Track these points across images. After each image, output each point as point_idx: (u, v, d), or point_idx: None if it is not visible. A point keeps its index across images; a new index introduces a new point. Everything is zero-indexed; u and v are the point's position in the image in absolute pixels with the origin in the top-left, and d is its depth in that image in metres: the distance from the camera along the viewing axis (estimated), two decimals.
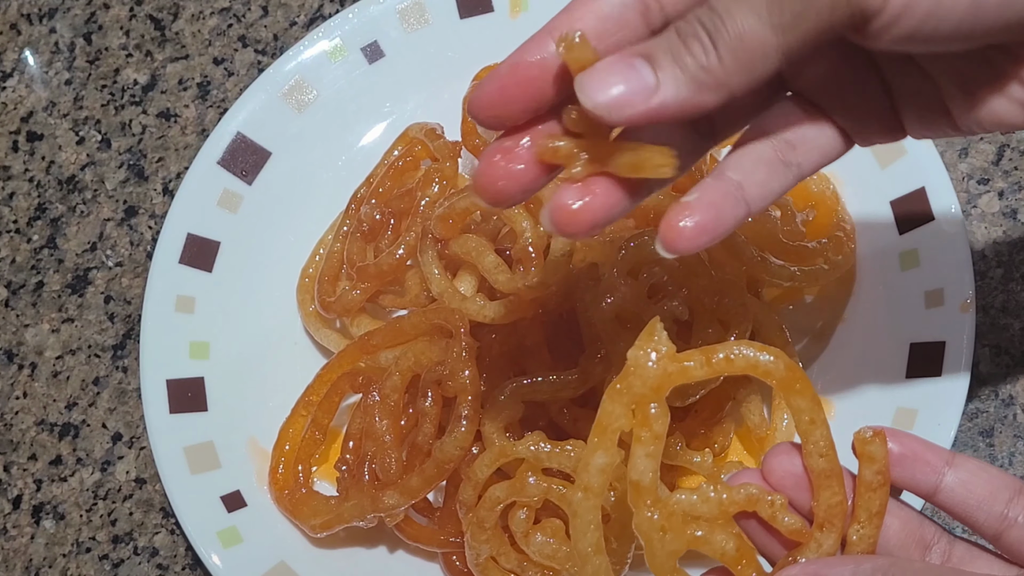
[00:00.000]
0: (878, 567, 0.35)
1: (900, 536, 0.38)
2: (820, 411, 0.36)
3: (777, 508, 0.37)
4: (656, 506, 0.37)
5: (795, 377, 0.36)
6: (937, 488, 0.37)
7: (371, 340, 0.59)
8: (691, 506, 0.37)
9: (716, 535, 0.37)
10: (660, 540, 0.37)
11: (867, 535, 0.37)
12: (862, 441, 0.36)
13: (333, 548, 0.59)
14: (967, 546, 0.38)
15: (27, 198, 0.69)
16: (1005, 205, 0.62)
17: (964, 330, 0.56)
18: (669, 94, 0.32)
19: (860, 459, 0.37)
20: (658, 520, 0.37)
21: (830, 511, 0.37)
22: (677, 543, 0.37)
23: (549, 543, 0.53)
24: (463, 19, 0.66)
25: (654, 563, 0.37)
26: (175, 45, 0.71)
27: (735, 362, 0.36)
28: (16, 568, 0.63)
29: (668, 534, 0.37)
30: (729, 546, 0.37)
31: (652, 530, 0.37)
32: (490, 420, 0.54)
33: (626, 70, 0.32)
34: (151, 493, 0.64)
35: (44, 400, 0.66)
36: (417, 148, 0.63)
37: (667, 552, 0.37)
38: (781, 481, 0.37)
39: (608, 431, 0.36)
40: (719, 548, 0.37)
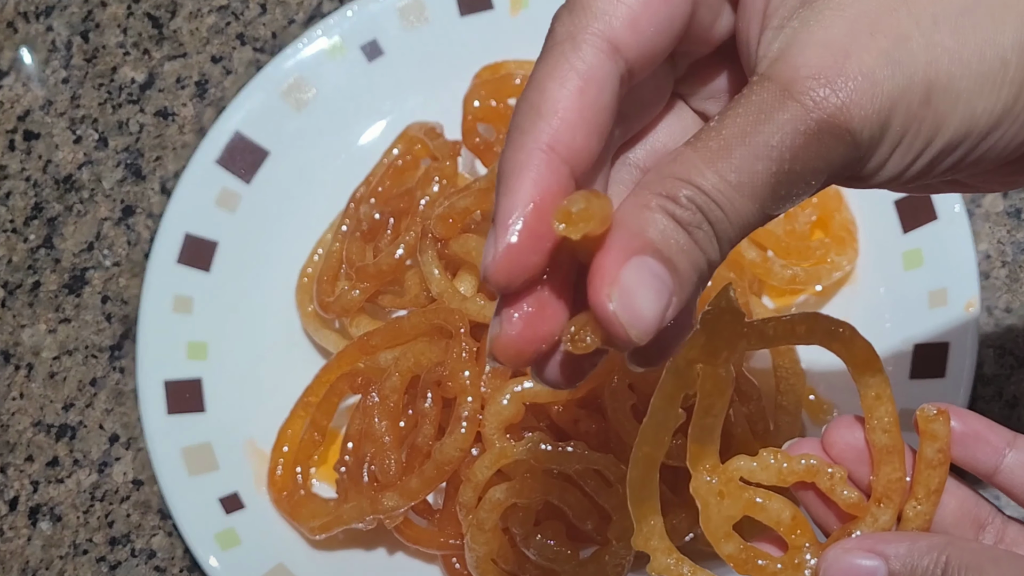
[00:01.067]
0: (934, 545, 0.35)
1: (956, 514, 0.38)
2: (887, 387, 0.37)
3: (836, 481, 0.36)
4: (715, 471, 0.37)
5: (866, 352, 0.36)
6: (997, 469, 0.37)
7: (370, 340, 0.58)
8: (750, 472, 0.37)
9: (773, 503, 0.37)
10: (717, 505, 0.37)
11: (924, 512, 0.37)
12: (925, 418, 0.36)
13: (332, 550, 0.59)
14: (1021, 527, 0.38)
15: (24, 197, 0.69)
16: (1009, 205, 0.62)
17: (968, 331, 0.56)
18: (683, 294, 0.29)
19: (922, 436, 0.37)
20: (716, 485, 0.37)
21: (889, 486, 0.37)
22: (734, 508, 0.37)
23: (549, 544, 0.53)
24: (463, 17, 0.65)
25: (709, 527, 0.37)
26: (173, 43, 0.71)
27: (806, 332, 0.36)
28: (13, 570, 0.63)
29: (726, 499, 0.37)
30: (785, 515, 0.37)
31: (710, 494, 0.37)
32: (490, 421, 0.54)
33: (655, 283, 0.29)
34: (148, 495, 0.63)
35: (41, 401, 0.65)
36: (417, 147, 0.63)
37: (723, 517, 0.37)
38: (842, 453, 0.37)
39: (672, 392, 0.35)
40: (775, 516, 0.37)
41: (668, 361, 0.35)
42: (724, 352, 0.35)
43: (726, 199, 0.29)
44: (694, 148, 0.30)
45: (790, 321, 0.36)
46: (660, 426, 0.36)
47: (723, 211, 0.29)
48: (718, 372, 0.35)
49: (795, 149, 0.29)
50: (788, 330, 0.36)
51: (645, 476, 0.36)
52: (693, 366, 0.35)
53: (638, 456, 0.36)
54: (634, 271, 0.29)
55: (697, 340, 0.35)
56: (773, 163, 0.29)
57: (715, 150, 0.29)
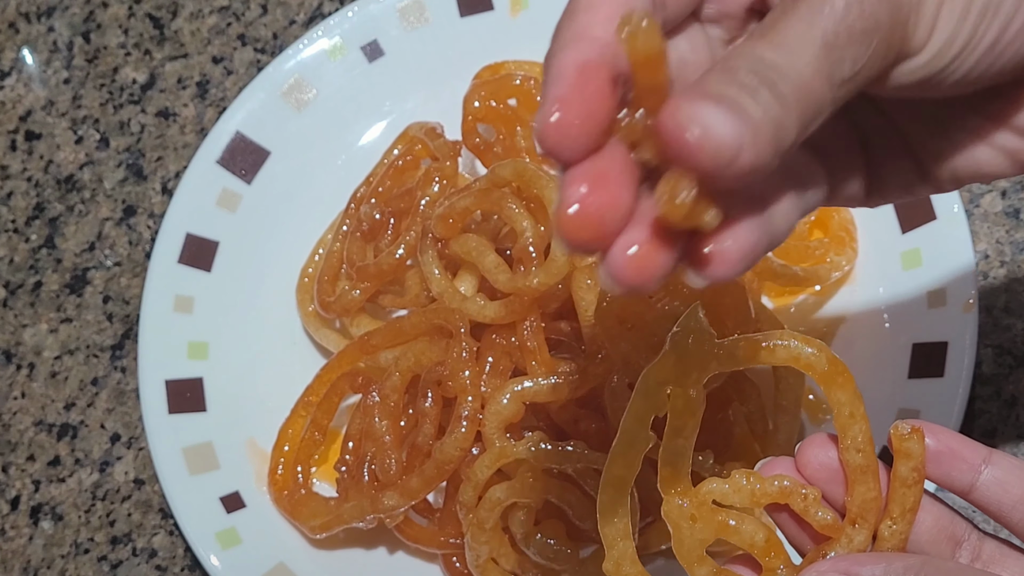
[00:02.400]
0: (910, 566, 0.35)
1: (932, 532, 0.37)
2: (860, 406, 0.36)
3: (810, 502, 0.36)
4: (687, 494, 0.36)
5: (837, 371, 0.36)
6: (973, 486, 0.37)
7: (371, 340, 0.58)
8: (723, 495, 0.36)
9: (746, 525, 0.37)
10: (689, 528, 0.36)
11: (899, 531, 0.36)
12: (899, 437, 0.36)
13: (332, 549, 0.59)
14: (996, 544, 0.38)
15: (25, 197, 0.69)
16: (1008, 205, 0.62)
17: (967, 330, 0.56)
18: (761, 143, 0.28)
19: (896, 455, 0.36)
20: (688, 508, 0.36)
21: (864, 506, 0.36)
22: (706, 532, 0.36)
23: (549, 544, 0.53)
24: (463, 17, 0.65)
25: (681, 551, 0.37)
26: (174, 44, 0.71)
27: (776, 352, 0.35)
28: (14, 569, 0.63)
29: (698, 523, 0.36)
30: (759, 537, 0.37)
31: (681, 518, 0.36)
32: (490, 421, 0.54)
33: (732, 107, 0.28)
34: (150, 494, 0.63)
35: (42, 400, 0.66)
36: (417, 147, 0.63)
37: (695, 540, 0.36)
38: (815, 473, 0.37)
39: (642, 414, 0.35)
40: (749, 538, 0.37)
41: (637, 381, 0.35)
42: (694, 373, 0.35)
43: (781, 59, 0.29)
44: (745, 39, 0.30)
45: (760, 340, 0.35)
46: (630, 447, 0.36)
47: (780, 73, 0.29)
48: (688, 393, 0.35)
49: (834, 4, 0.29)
50: (757, 350, 0.35)
51: (615, 499, 0.36)
52: (663, 387, 0.35)
53: (608, 478, 0.36)
54: (706, 107, 0.27)
55: (667, 361, 0.35)
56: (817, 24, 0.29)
57: (763, 28, 0.30)
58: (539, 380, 0.54)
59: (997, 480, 0.37)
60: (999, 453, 0.37)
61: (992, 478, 0.36)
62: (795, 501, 0.36)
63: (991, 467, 0.37)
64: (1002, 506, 0.37)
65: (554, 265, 0.53)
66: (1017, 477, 0.37)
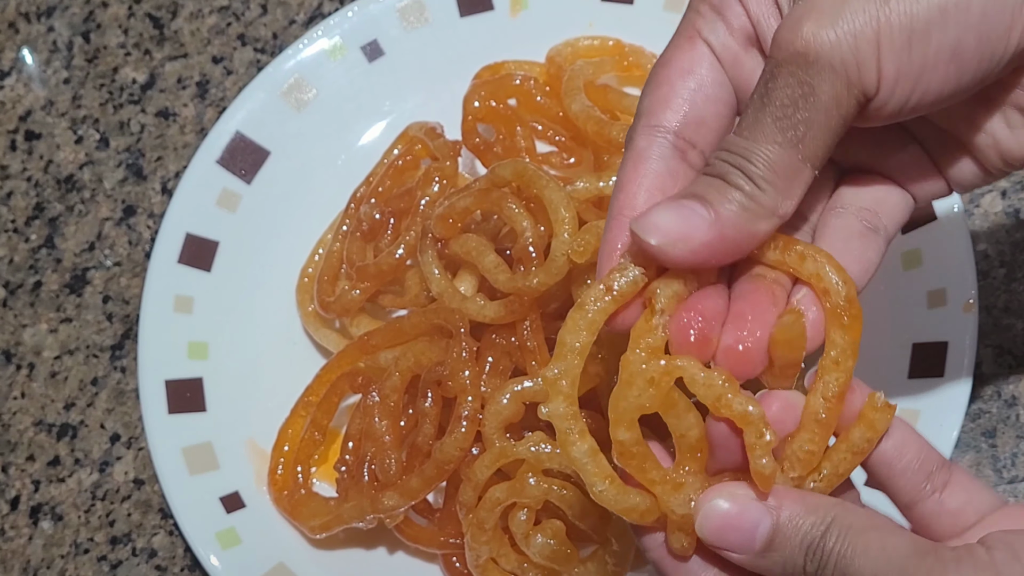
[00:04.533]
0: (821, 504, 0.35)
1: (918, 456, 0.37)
2: (851, 357, 0.35)
3: (762, 444, 0.34)
4: (656, 354, 0.35)
5: (851, 312, 0.35)
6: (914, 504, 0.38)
7: (371, 340, 0.58)
8: (691, 380, 0.34)
9: (689, 417, 0.35)
10: (640, 390, 0.34)
11: (821, 490, 0.36)
12: (872, 406, 0.36)
13: (332, 549, 0.59)
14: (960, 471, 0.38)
15: (25, 197, 0.69)
16: (1008, 205, 0.62)
17: (967, 330, 0.56)
18: (728, 223, 0.34)
19: (859, 420, 0.36)
20: (649, 370, 0.34)
21: (799, 455, 0.35)
22: (653, 401, 0.35)
23: (549, 544, 0.53)
24: (463, 17, 0.65)
25: (617, 406, 0.35)
26: (174, 44, 0.71)
27: (806, 262, 0.35)
28: (14, 569, 0.63)
29: (650, 389, 0.34)
30: (693, 433, 0.35)
31: (638, 376, 0.34)
32: (490, 421, 0.54)
33: (679, 208, 0.35)
34: (149, 494, 0.63)
35: (42, 400, 0.66)
36: (417, 147, 0.63)
37: (637, 404, 0.35)
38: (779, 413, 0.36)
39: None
40: (683, 428, 0.35)
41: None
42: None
43: (745, 146, 0.35)
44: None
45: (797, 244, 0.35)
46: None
47: (747, 157, 0.35)
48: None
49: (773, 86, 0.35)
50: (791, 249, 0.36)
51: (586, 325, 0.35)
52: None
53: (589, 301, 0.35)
54: (665, 202, 0.35)
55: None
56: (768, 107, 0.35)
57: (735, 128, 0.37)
58: (539, 380, 0.54)
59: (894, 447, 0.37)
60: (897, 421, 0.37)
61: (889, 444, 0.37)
62: (750, 434, 0.34)
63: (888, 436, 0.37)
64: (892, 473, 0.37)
65: (554, 265, 0.53)
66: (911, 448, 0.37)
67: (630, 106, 0.61)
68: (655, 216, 0.35)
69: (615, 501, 0.35)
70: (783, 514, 0.35)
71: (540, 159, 0.62)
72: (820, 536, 0.34)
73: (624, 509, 0.36)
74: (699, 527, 0.35)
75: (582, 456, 0.35)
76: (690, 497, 0.36)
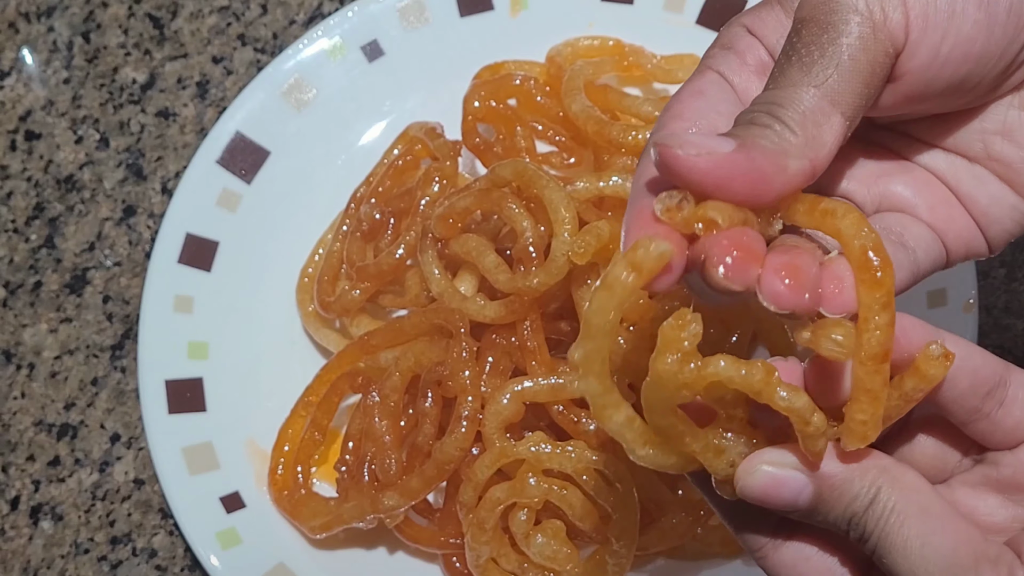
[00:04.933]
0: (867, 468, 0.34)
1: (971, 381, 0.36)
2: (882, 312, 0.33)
3: (810, 432, 0.34)
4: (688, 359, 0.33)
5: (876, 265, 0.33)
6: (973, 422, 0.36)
7: (371, 340, 0.58)
8: (728, 379, 0.33)
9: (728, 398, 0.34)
10: (674, 391, 0.33)
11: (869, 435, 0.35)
12: (927, 356, 0.34)
13: (332, 549, 0.59)
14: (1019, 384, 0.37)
15: (25, 197, 0.69)
16: None
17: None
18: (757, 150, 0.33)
19: (914, 371, 0.34)
20: (684, 376, 0.33)
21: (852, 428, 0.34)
22: (686, 399, 0.34)
23: (550, 544, 0.53)
24: (463, 17, 0.65)
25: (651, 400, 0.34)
26: (174, 44, 0.71)
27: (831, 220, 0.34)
28: (14, 569, 0.63)
29: (686, 391, 0.33)
30: (737, 411, 0.35)
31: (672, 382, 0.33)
32: (490, 421, 0.54)
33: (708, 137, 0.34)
34: (150, 494, 0.63)
35: (42, 400, 0.66)
36: (417, 147, 0.63)
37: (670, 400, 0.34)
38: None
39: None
40: (724, 407, 0.35)
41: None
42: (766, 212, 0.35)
43: (772, 95, 0.34)
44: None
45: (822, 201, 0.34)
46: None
47: (775, 103, 0.34)
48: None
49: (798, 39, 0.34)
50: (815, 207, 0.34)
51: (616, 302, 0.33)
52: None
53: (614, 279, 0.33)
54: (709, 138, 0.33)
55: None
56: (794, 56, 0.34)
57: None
58: (539, 380, 0.54)
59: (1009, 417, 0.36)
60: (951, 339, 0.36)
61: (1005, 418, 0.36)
62: (799, 423, 0.34)
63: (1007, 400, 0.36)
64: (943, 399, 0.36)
65: (554, 265, 0.53)
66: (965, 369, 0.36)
67: (630, 106, 0.61)
68: (683, 135, 0.34)
69: (656, 463, 0.35)
70: (827, 482, 0.34)
71: (540, 159, 0.62)
72: (863, 510, 0.34)
73: (667, 467, 0.36)
74: (741, 490, 0.35)
75: (619, 427, 0.35)
76: (733, 460, 0.35)
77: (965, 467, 0.38)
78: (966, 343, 0.36)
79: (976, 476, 0.37)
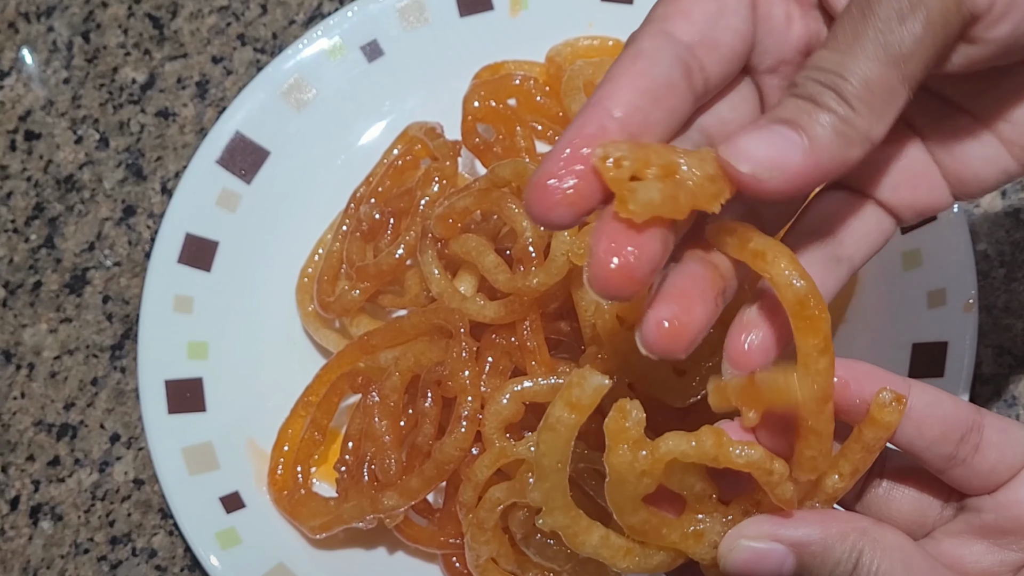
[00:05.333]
0: (846, 534, 0.34)
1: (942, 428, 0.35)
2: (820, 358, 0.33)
3: (775, 479, 0.34)
4: (639, 446, 0.34)
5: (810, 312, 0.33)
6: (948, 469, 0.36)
7: (370, 340, 0.58)
8: (683, 454, 0.34)
9: (689, 477, 0.35)
10: (635, 483, 0.34)
11: (841, 489, 0.35)
12: (879, 405, 0.34)
13: (332, 549, 0.59)
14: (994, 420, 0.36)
15: (25, 197, 0.69)
16: (1008, 204, 0.62)
17: (967, 330, 0.56)
18: (823, 150, 0.31)
19: (868, 420, 0.34)
20: (639, 464, 0.34)
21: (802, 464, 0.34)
22: (652, 486, 0.34)
23: (549, 544, 0.53)
24: (463, 17, 0.65)
25: (617, 499, 0.34)
26: (173, 44, 0.71)
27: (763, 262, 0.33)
28: (14, 569, 0.63)
29: (646, 479, 0.34)
30: (697, 486, 0.35)
31: (630, 473, 0.34)
32: (490, 421, 0.54)
33: (771, 135, 0.31)
34: (149, 494, 0.63)
35: (42, 400, 0.65)
36: (417, 147, 0.63)
37: (636, 494, 0.34)
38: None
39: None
40: (687, 487, 0.35)
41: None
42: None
43: (839, 61, 0.32)
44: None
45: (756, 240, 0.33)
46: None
47: (841, 75, 0.31)
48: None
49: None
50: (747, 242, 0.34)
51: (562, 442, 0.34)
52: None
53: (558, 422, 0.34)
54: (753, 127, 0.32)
55: None
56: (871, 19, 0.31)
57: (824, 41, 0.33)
58: (539, 380, 0.54)
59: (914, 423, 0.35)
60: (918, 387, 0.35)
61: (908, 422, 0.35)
62: (760, 475, 0.34)
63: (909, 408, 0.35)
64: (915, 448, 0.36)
65: (554, 265, 0.53)
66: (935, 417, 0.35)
67: None
68: (745, 143, 0.31)
69: (642, 568, 0.36)
70: (807, 550, 0.34)
71: (540, 159, 0.62)
72: (849, 572, 0.34)
73: (653, 569, 0.36)
74: (724, 568, 0.35)
75: (596, 549, 0.36)
76: (714, 540, 0.36)
77: (947, 517, 0.38)
78: (935, 390, 0.36)
79: (959, 525, 0.37)
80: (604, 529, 0.36)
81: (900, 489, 0.38)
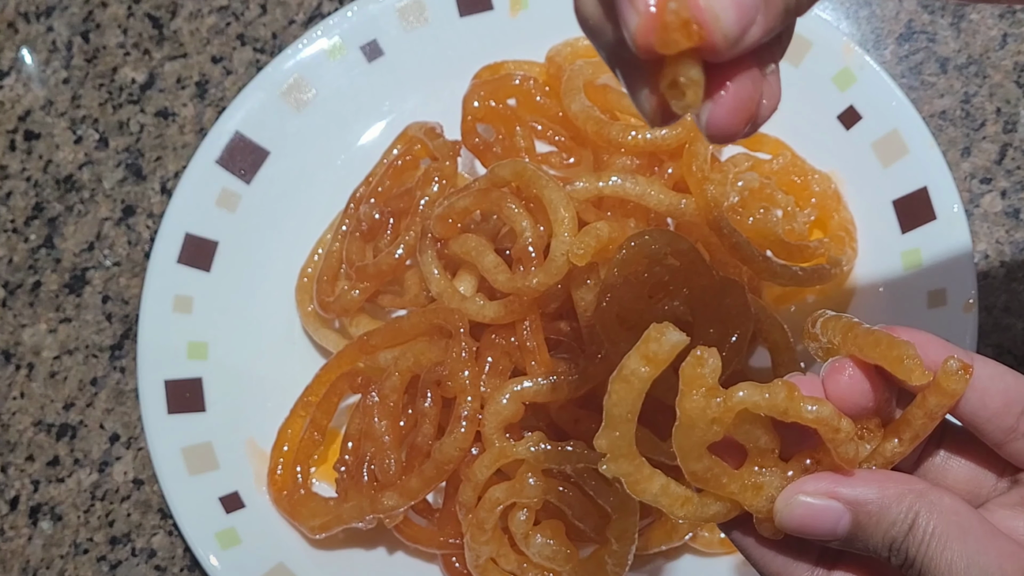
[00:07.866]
0: (903, 494, 0.34)
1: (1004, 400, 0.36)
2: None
3: (841, 437, 0.35)
4: (712, 393, 0.34)
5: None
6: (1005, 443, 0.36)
7: (370, 340, 0.58)
8: (754, 405, 0.35)
9: (756, 429, 0.36)
10: (704, 430, 0.35)
11: (900, 453, 0.36)
12: (947, 373, 0.35)
13: (332, 550, 0.59)
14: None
15: (24, 197, 0.69)
16: (1008, 205, 0.62)
17: (967, 330, 0.56)
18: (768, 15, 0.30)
19: (935, 387, 0.35)
20: (711, 411, 0.34)
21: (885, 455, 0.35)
22: (717, 435, 0.35)
23: (549, 544, 0.53)
24: (462, 17, 0.65)
25: (683, 444, 0.35)
26: (173, 44, 0.71)
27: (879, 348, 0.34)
28: (14, 569, 0.63)
29: (715, 426, 0.35)
30: (763, 440, 0.36)
31: (700, 419, 0.35)
32: (490, 421, 0.54)
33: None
34: (149, 494, 0.63)
35: (41, 400, 0.65)
36: (416, 147, 0.63)
37: (704, 440, 0.35)
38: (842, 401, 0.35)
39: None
40: (753, 440, 0.36)
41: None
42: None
43: None
44: None
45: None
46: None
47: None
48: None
49: None
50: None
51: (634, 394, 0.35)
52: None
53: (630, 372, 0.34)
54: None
55: None
56: None
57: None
58: (539, 380, 0.54)
59: (977, 392, 0.35)
60: (980, 361, 0.36)
61: (970, 391, 0.35)
62: (826, 431, 0.35)
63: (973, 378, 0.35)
64: (976, 420, 0.36)
65: (553, 265, 0.53)
66: (997, 388, 0.36)
67: (629, 106, 0.61)
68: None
69: (698, 517, 0.37)
70: (864, 509, 0.34)
71: (540, 159, 0.62)
72: (903, 535, 0.34)
73: (709, 518, 0.37)
74: (780, 523, 0.35)
75: (656, 497, 0.36)
76: (772, 494, 0.36)
77: (1001, 489, 0.38)
78: (996, 364, 0.36)
79: (1013, 497, 0.37)
80: (665, 478, 0.36)
81: (957, 460, 0.38)
